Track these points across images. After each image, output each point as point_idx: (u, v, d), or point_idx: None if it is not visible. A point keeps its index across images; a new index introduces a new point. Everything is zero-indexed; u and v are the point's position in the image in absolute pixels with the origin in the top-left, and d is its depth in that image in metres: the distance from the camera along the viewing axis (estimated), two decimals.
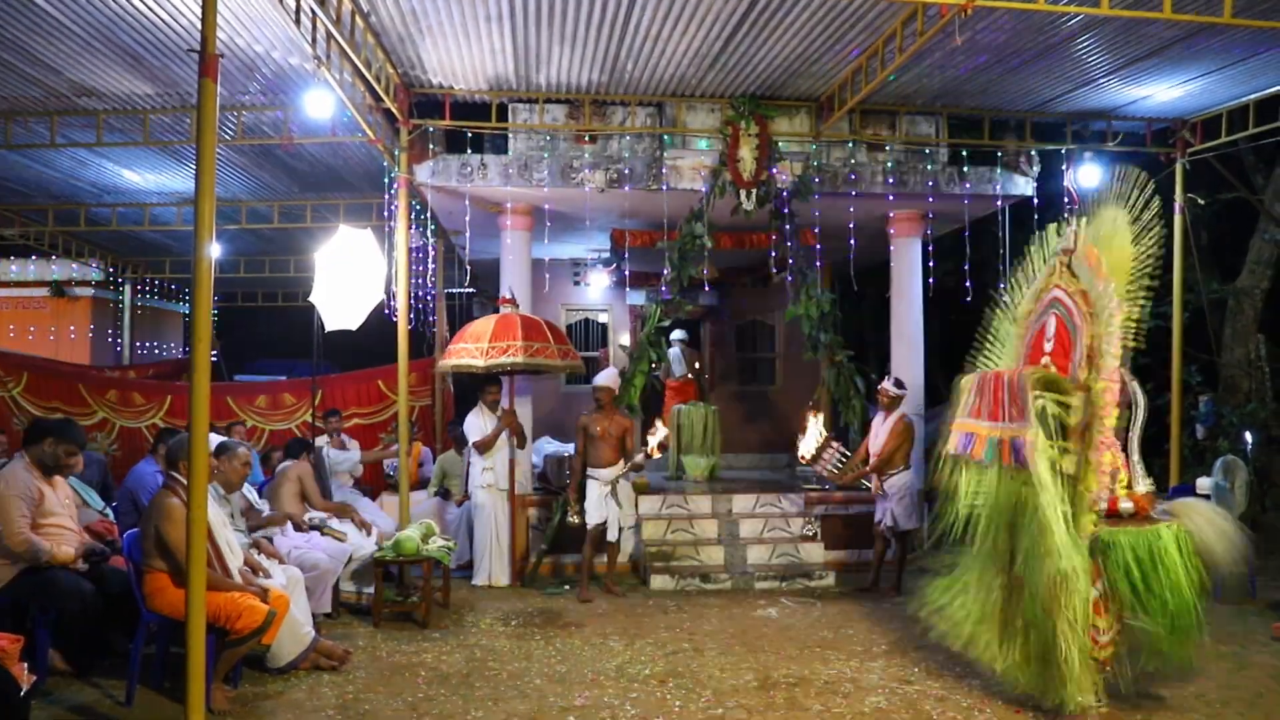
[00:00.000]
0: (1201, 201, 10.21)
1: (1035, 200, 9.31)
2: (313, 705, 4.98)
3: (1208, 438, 10.10)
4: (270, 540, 6.09)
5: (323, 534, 6.58)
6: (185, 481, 4.57)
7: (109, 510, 6.34)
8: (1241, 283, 10.65)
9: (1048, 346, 5.13)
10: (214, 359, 14.79)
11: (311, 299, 7.20)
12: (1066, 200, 9.60)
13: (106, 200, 11.70)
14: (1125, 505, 4.87)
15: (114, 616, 5.28)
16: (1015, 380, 4.82)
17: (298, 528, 6.61)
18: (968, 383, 5.24)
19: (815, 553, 8.53)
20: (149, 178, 10.63)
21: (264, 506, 6.66)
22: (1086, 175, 9.45)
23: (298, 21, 6.02)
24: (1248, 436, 9.83)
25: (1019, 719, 4.85)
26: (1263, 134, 8.61)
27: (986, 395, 5.00)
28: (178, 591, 4.63)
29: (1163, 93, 8.31)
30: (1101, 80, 8.03)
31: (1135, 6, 6.27)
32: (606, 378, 8.08)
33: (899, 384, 8.13)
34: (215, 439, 5.93)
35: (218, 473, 5.58)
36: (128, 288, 15.94)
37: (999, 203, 9.31)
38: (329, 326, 7.19)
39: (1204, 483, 7.99)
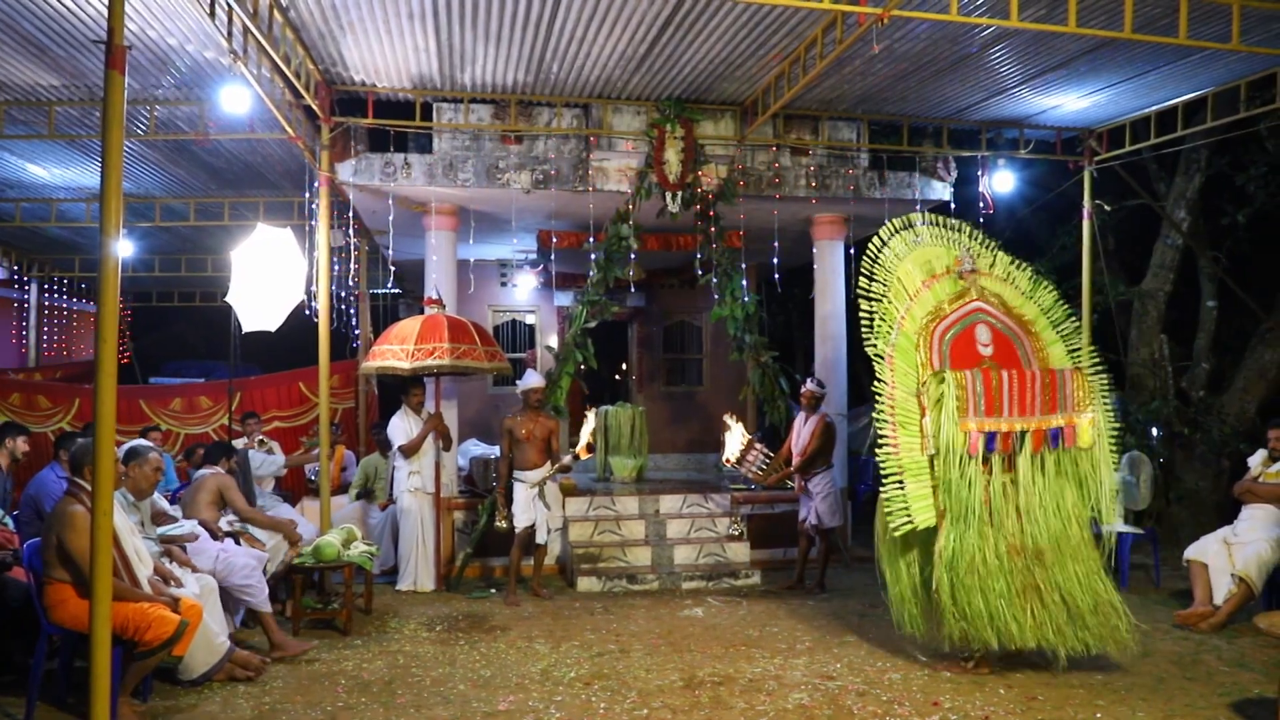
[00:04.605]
0: (1108, 208, 10.59)
1: (953, 205, 9.57)
2: (227, 718, 4.85)
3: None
4: (183, 548, 5.91)
5: (238, 542, 6.41)
6: (89, 487, 4.40)
7: (9, 519, 6.08)
8: (1146, 286, 11.06)
9: (986, 350, 5.75)
10: (125, 361, 14.39)
11: (228, 299, 7.02)
12: (981, 204, 9.92)
13: (9, 195, 11.20)
14: None
15: (13, 630, 5.07)
16: (1055, 376, 5.59)
17: (214, 535, 6.42)
18: (959, 385, 5.45)
19: (741, 552, 8.62)
20: (55, 172, 10.21)
21: (177, 513, 6.45)
22: (1000, 181, 9.77)
23: (212, 14, 5.85)
24: (1153, 432, 10.23)
25: (936, 711, 4.97)
26: (1164, 144, 8.97)
27: (1006, 395, 5.49)
28: (81, 603, 4.45)
29: (1071, 103, 8.60)
30: (1014, 90, 8.28)
31: (1044, 20, 6.49)
32: (536, 379, 8.04)
33: (820, 384, 8.29)
34: (127, 444, 5.75)
35: (127, 479, 5.39)
36: (34, 286, 15.30)
37: (918, 207, 9.52)
38: (247, 327, 7.02)
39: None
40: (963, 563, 5.40)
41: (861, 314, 5.89)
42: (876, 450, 5.65)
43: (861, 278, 5.93)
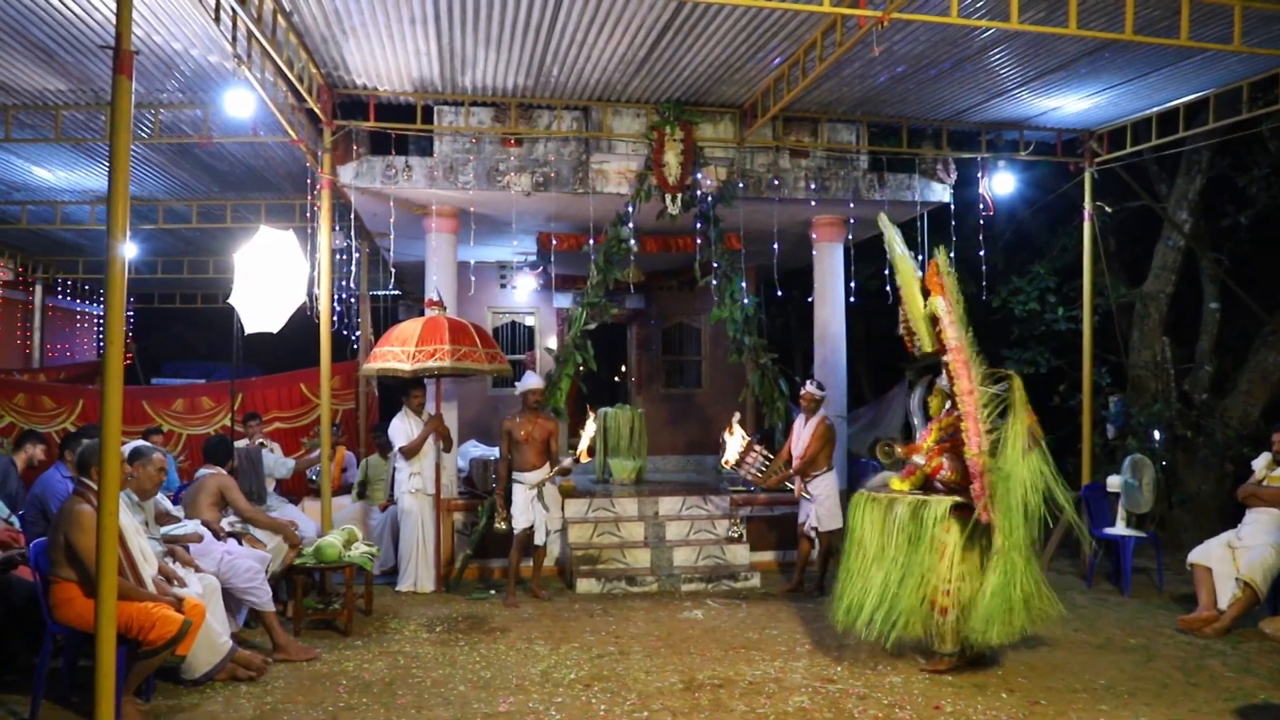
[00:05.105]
0: (1109, 209, 10.59)
1: (952, 207, 9.58)
2: (229, 717, 4.88)
3: (1118, 437, 10.46)
4: (187, 548, 5.94)
5: (241, 542, 6.44)
6: (96, 487, 4.43)
7: (14, 518, 6.11)
8: (1147, 288, 11.04)
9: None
10: (128, 362, 14.44)
11: (230, 301, 7.05)
12: (982, 206, 9.91)
13: (16, 198, 11.25)
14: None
15: (18, 629, 5.10)
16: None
17: (215, 535, 6.45)
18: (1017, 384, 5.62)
19: (740, 554, 8.63)
20: (61, 175, 10.26)
21: (180, 514, 6.48)
22: (1000, 183, 9.77)
23: (217, 19, 5.89)
24: (1155, 435, 10.23)
25: (938, 715, 4.98)
26: (1165, 145, 8.98)
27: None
28: (87, 602, 4.48)
29: (1071, 104, 8.61)
30: (1014, 91, 8.29)
31: (1044, 22, 6.50)
32: (535, 380, 8.06)
33: (820, 386, 8.30)
34: (131, 444, 5.78)
35: (131, 479, 5.43)
36: (39, 288, 15.36)
37: (918, 209, 9.54)
38: (249, 329, 7.05)
39: (1114, 480, 8.31)
40: (1003, 561, 5.40)
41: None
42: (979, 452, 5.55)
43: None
